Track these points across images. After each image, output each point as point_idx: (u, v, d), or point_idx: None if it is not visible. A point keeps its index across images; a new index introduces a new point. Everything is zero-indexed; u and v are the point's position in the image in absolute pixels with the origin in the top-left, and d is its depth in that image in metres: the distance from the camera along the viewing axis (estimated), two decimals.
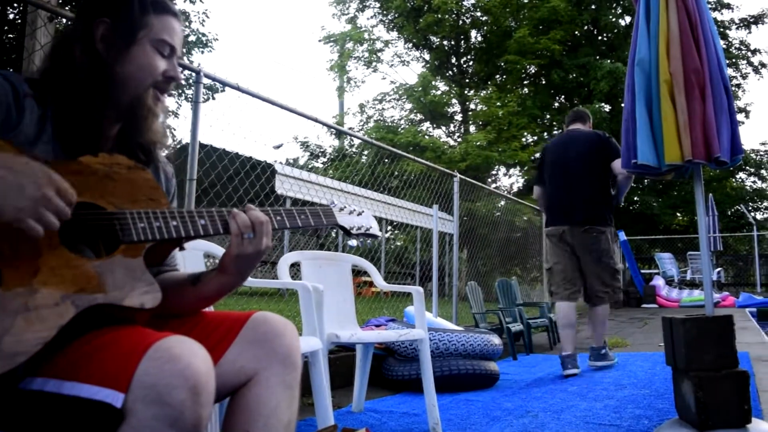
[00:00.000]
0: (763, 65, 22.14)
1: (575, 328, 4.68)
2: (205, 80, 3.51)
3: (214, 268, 1.33)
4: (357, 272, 6.84)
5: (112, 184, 1.16)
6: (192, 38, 18.33)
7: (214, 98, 17.38)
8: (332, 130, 20.13)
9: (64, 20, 2.90)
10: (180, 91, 16.88)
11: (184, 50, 16.94)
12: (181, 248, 1.27)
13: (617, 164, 4.41)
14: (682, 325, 2.57)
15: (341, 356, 3.82)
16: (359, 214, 1.51)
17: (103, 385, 0.96)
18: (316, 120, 4.48)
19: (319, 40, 23.18)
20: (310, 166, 21.37)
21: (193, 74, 3.46)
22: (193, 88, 3.52)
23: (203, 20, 18.69)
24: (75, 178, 1.06)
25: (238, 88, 3.68)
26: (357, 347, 3.32)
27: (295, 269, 3.01)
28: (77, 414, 0.99)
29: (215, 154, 4.19)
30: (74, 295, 1.02)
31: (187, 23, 17.60)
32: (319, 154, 22.17)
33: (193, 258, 2.32)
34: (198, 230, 1.20)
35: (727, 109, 2.82)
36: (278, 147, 18.52)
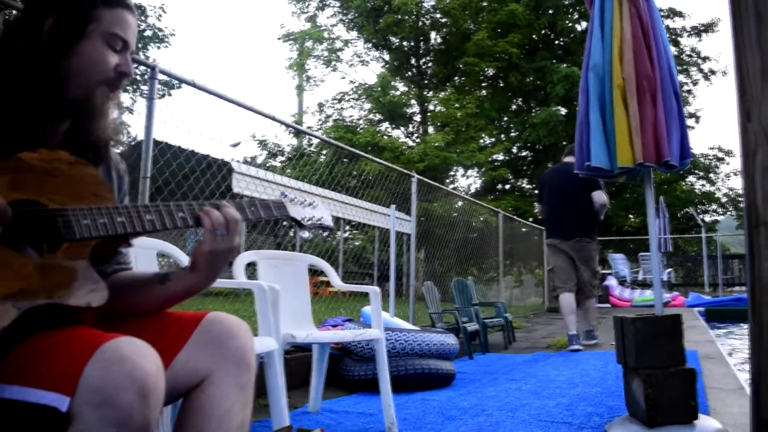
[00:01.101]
0: (712, 72, 22.89)
1: (576, 313, 5.97)
2: (161, 76, 3.45)
3: (184, 267, 1.31)
4: (314, 272, 6.82)
5: (53, 181, 1.11)
6: (148, 33, 18.00)
7: (170, 95, 17.11)
8: (291, 128, 19.98)
9: (14, 11, 2.81)
10: (135, 87, 16.56)
11: (140, 45, 16.65)
12: (129, 244, 1.24)
13: (596, 195, 5.85)
14: (632, 324, 2.63)
15: (297, 356, 3.80)
16: (312, 205, 1.49)
17: (49, 388, 0.94)
18: (273, 118, 4.45)
19: (279, 38, 22.99)
20: (267, 165, 21.19)
21: (149, 70, 3.40)
22: (148, 84, 3.45)
23: (160, 15, 18.40)
24: (12, 176, 1.01)
25: (194, 85, 3.63)
26: (313, 347, 3.30)
27: (251, 269, 2.98)
28: (21, 419, 0.96)
29: (170, 152, 4.11)
30: (15, 296, 0.98)
31: (143, 18, 17.28)
32: (277, 153, 22.01)
33: (145, 257, 2.27)
34: (145, 226, 1.17)
35: (677, 115, 2.90)
36: (235, 145, 18.34)
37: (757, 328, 1.53)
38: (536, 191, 6.61)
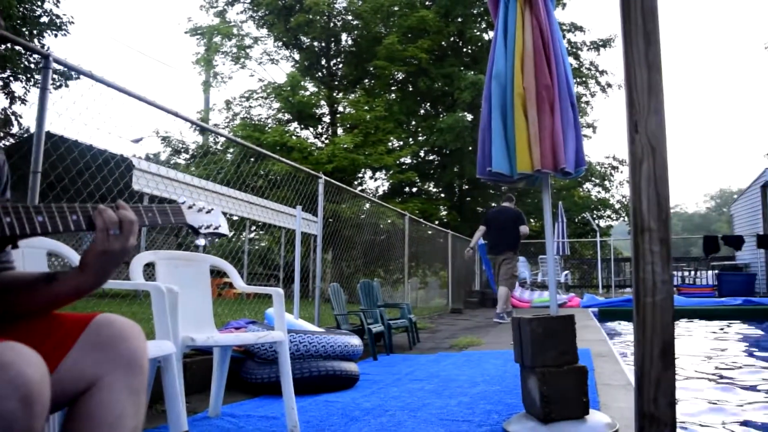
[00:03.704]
0: (609, 85, 24.08)
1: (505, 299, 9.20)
2: (56, 65, 3.27)
3: (74, 267, 1.25)
4: (218, 273, 6.67)
5: None
6: (44, 19, 17.02)
7: (66, 86, 16.24)
8: (195, 126, 19.42)
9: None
10: (28, 76, 15.63)
11: (34, 32, 15.72)
12: (15, 246, 1.17)
13: (522, 228, 9.15)
14: (528, 324, 2.73)
15: (198, 360, 3.70)
16: (208, 212, 1.47)
17: None
18: (176, 114, 4.30)
19: (186, 32, 22.30)
20: (171, 162, 20.53)
21: (42, 59, 3.22)
22: (41, 73, 3.26)
23: (57, 0, 17.43)
24: None
25: (91, 76, 3.46)
26: (214, 350, 3.22)
27: (150, 270, 2.88)
28: None
29: (64, 146, 3.90)
30: None
31: (39, 2, 16.32)
32: (182, 150, 21.33)
33: (34, 256, 2.15)
34: (35, 228, 1.10)
35: (573, 124, 3.04)
36: (137, 141, 17.66)
37: (641, 328, 1.63)
38: (482, 220, 10.02)
